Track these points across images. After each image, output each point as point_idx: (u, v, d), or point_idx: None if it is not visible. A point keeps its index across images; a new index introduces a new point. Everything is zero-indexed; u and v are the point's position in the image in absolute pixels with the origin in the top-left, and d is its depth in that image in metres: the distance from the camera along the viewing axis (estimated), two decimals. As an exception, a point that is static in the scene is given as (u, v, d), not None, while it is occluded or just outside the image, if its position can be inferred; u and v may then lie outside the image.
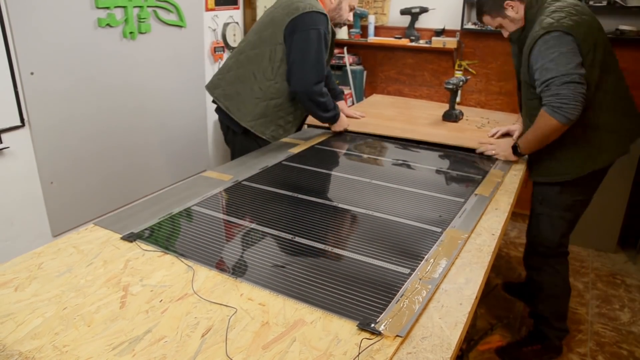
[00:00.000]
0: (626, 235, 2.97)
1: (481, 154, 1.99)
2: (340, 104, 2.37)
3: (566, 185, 1.79)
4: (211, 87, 2.13)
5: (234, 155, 2.16)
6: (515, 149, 1.86)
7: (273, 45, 1.97)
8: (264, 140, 2.09)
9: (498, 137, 2.13)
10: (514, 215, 3.24)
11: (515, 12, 1.74)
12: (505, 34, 1.83)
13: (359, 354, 0.88)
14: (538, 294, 2.01)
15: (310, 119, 2.31)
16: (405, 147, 2.10)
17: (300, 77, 1.93)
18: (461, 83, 2.44)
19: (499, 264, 2.80)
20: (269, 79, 2.00)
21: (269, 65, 1.99)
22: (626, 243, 3.00)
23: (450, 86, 2.39)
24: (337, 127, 2.21)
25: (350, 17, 2.11)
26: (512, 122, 2.25)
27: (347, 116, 2.36)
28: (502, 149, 1.94)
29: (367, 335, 0.93)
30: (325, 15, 1.95)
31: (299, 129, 2.30)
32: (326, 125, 2.25)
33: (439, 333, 0.95)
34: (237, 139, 2.13)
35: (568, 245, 1.96)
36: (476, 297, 1.07)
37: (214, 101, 2.14)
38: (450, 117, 2.42)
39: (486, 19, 1.83)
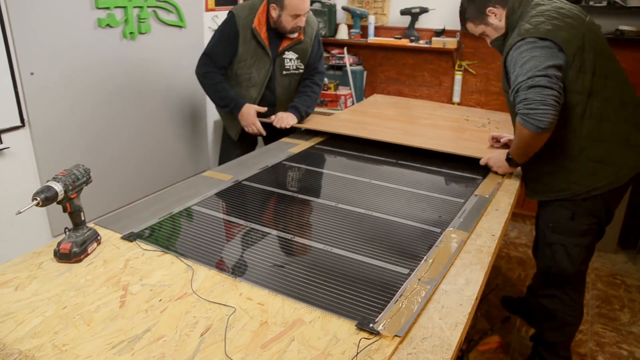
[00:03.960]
0: (626, 235, 2.97)
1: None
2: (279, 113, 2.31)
3: (577, 211, 1.63)
4: None
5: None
6: (509, 160, 1.72)
7: None
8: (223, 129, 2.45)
9: (498, 147, 1.99)
10: (514, 216, 3.24)
11: (498, 19, 1.65)
12: (489, 41, 1.76)
13: (357, 353, 0.88)
14: (548, 322, 1.84)
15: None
16: (405, 148, 2.09)
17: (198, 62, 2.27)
18: None
19: (499, 264, 2.80)
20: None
21: None
22: (626, 243, 3.00)
23: None
24: (241, 120, 2.26)
25: (300, 22, 2.14)
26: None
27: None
28: (495, 161, 1.79)
29: (366, 335, 0.93)
30: (234, 15, 2.16)
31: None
32: (324, 129, 2.24)
33: (439, 334, 0.95)
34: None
35: (587, 270, 1.79)
36: (476, 298, 1.07)
37: None
38: None
39: (469, 26, 1.75)
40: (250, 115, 2.23)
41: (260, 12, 2.16)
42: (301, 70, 2.37)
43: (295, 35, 2.22)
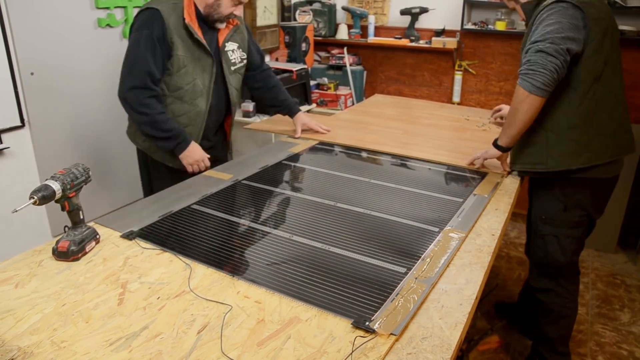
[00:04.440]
0: (626, 235, 2.96)
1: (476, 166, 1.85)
2: (300, 115, 2.17)
3: (569, 204, 1.67)
4: None
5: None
6: (495, 142, 1.72)
7: None
8: (150, 160, 1.92)
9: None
10: (514, 216, 3.24)
11: None
12: (511, 4, 1.72)
13: (353, 351, 0.88)
14: (545, 317, 1.85)
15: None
16: (405, 146, 2.10)
17: (120, 81, 1.73)
18: None
19: (499, 264, 2.80)
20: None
21: None
22: (626, 243, 2.99)
23: None
24: (186, 158, 1.81)
25: (237, 11, 1.81)
26: None
27: (310, 129, 2.14)
28: (483, 150, 1.80)
29: (362, 333, 0.93)
30: (157, 11, 1.70)
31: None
32: (326, 139, 2.12)
33: (439, 333, 0.95)
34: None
35: (579, 263, 1.82)
36: (476, 298, 1.07)
37: None
38: None
39: None
40: (198, 153, 1.83)
41: (187, 3, 1.75)
42: (245, 61, 2.01)
43: (224, 25, 1.86)
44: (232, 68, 1.94)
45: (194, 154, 1.83)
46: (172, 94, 1.80)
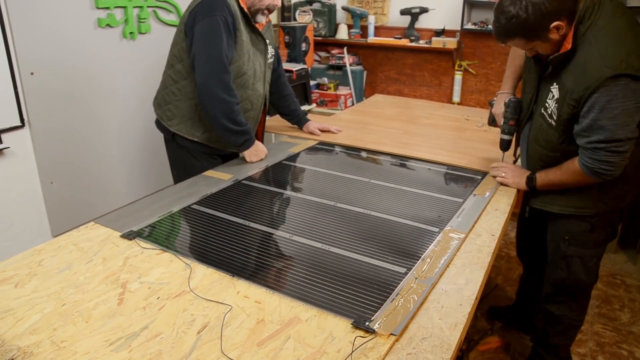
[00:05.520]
0: (626, 235, 2.96)
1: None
2: (310, 123, 2.21)
3: (597, 224, 1.57)
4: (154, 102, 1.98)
5: (171, 166, 2.03)
6: (530, 180, 1.61)
7: (180, 43, 1.80)
8: (198, 146, 1.88)
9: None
10: (514, 215, 3.23)
11: (559, 34, 1.36)
12: (532, 53, 1.49)
13: (353, 351, 0.88)
14: (554, 326, 1.79)
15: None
16: (405, 146, 2.10)
17: (201, 66, 1.69)
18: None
19: (499, 264, 2.80)
20: (184, 78, 1.81)
21: (180, 63, 1.81)
22: (626, 243, 2.99)
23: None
24: (252, 156, 1.85)
25: (277, 2, 1.81)
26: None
27: (323, 130, 2.19)
28: (512, 175, 1.69)
29: (362, 333, 0.93)
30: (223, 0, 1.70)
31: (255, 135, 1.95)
32: (326, 139, 2.14)
33: (439, 334, 0.95)
34: (170, 147, 1.98)
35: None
36: (476, 298, 1.07)
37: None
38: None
39: (517, 42, 1.42)
40: (262, 150, 1.89)
41: None
42: (273, 57, 2.03)
43: (264, 20, 1.87)
44: (268, 61, 1.96)
45: (260, 153, 1.88)
46: (236, 80, 1.79)
